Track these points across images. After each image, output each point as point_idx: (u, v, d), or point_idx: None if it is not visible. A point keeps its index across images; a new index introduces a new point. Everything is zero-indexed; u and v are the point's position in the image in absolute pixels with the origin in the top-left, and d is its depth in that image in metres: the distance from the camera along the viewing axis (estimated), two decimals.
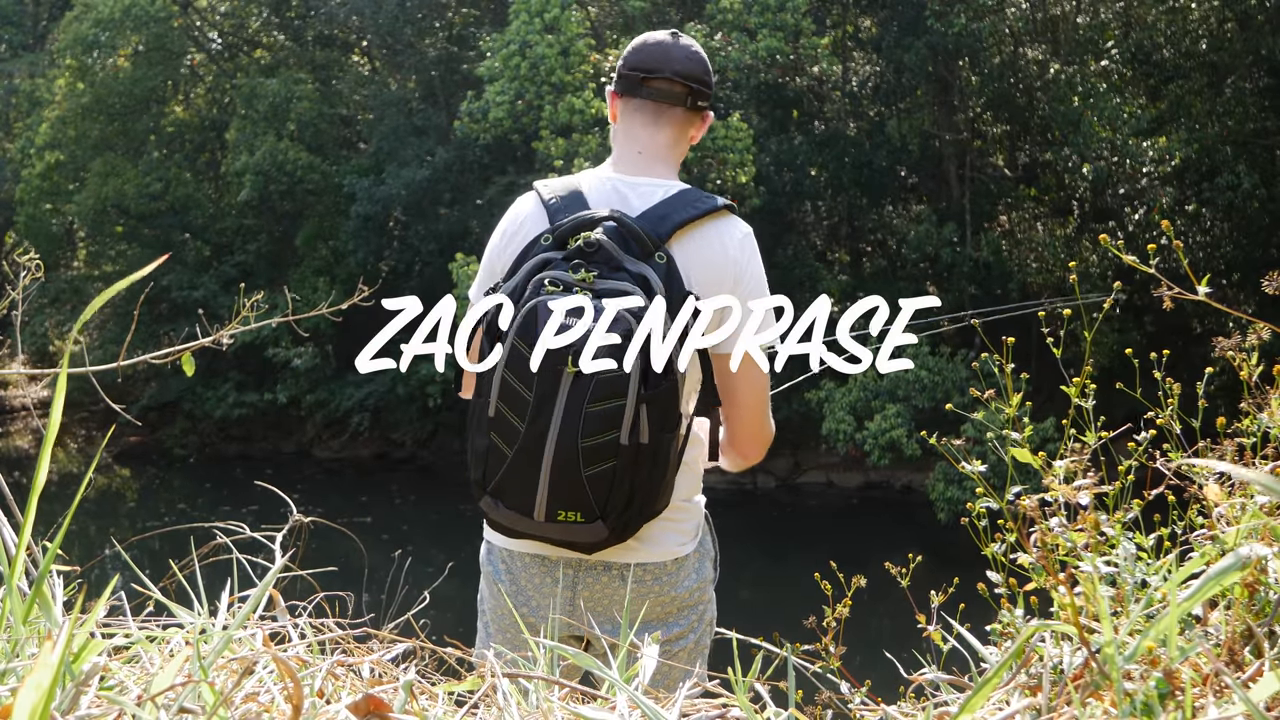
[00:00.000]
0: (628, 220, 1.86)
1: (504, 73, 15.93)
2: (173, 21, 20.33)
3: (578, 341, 1.72)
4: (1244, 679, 0.93)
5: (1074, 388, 1.34)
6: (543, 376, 1.74)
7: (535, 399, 1.75)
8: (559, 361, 1.73)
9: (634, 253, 1.83)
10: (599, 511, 1.78)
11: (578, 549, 1.89)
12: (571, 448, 1.74)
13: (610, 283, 1.78)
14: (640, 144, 2.02)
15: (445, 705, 1.14)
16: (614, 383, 1.72)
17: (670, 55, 2.01)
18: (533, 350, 1.75)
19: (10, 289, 2.72)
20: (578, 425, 1.73)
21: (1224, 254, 16.33)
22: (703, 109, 2.06)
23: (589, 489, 1.76)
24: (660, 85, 2.00)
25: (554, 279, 1.79)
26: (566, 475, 1.76)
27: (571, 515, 1.78)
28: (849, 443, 14.33)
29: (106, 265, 22.53)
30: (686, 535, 2.03)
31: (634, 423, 1.74)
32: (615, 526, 1.81)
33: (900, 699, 1.36)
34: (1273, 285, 1.37)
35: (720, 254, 1.94)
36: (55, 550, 1.00)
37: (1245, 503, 1.10)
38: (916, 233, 16.34)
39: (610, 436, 1.74)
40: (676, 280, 1.83)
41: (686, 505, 2.03)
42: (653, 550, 1.98)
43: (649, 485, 1.81)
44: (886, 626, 5.15)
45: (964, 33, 15.05)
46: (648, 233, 1.84)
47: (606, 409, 1.73)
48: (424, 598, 1.98)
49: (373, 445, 20.17)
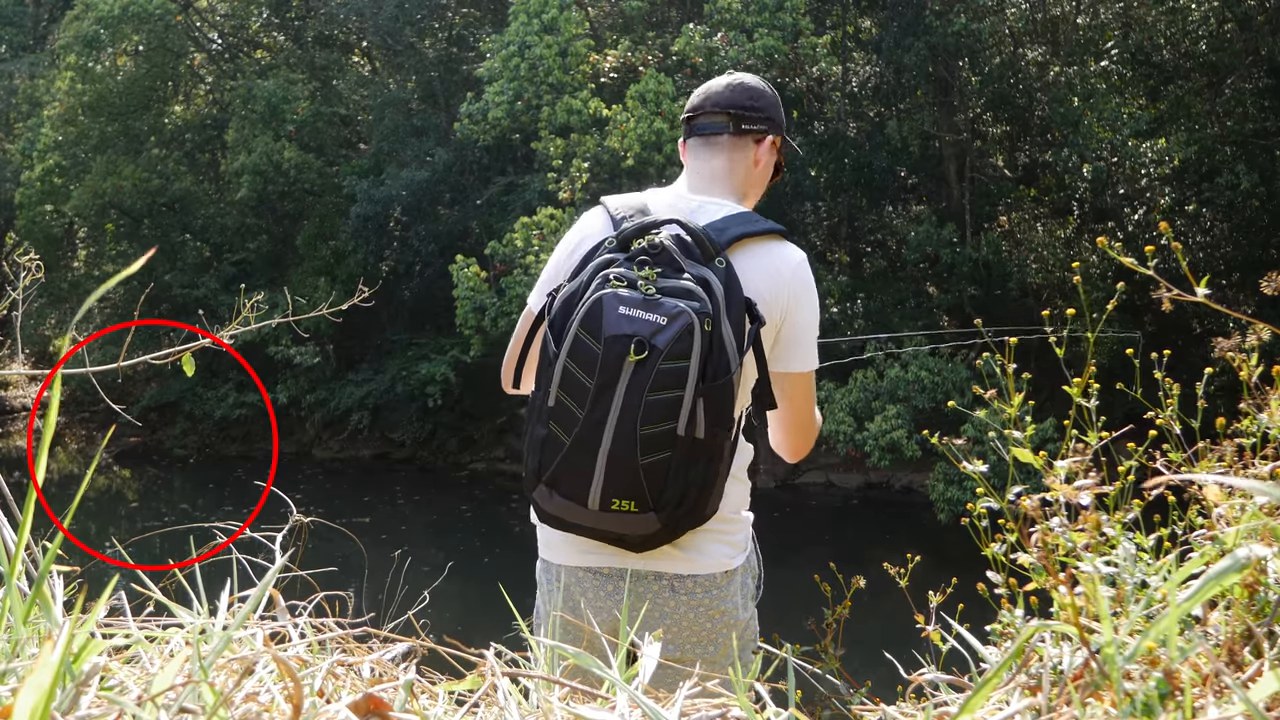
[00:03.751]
0: (690, 225, 1.91)
1: (503, 73, 15.94)
2: (172, 20, 20.32)
3: (641, 332, 1.77)
4: (1244, 679, 0.93)
5: (1075, 388, 1.34)
6: (605, 364, 1.78)
7: (596, 386, 1.79)
8: (622, 350, 1.77)
9: (695, 257, 1.88)
10: (652, 503, 1.81)
11: (628, 545, 1.90)
12: (630, 435, 1.77)
13: (672, 281, 1.82)
14: (698, 174, 2.11)
15: (446, 704, 1.14)
16: (675, 374, 1.76)
17: (711, 91, 2.15)
18: (597, 339, 1.79)
19: (10, 289, 2.72)
20: (637, 413, 1.77)
21: (1224, 254, 16.33)
22: (752, 132, 2.12)
23: (644, 478, 1.79)
24: (704, 119, 2.12)
25: (619, 275, 1.83)
26: (623, 462, 1.78)
27: (626, 504, 1.81)
28: (849, 443, 14.33)
29: (106, 265, 22.54)
30: (736, 548, 2.05)
31: (691, 415, 1.78)
32: (667, 522, 1.83)
33: (900, 699, 1.36)
34: (1272, 286, 1.37)
35: (776, 272, 1.98)
36: (55, 550, 1.00)
37: (1245, 503, 1.10)
38: (916, 233, 16.34)
39: (668, 426, 1.77)
40: (735, 285, 1.87)
41: (736, 518, 2.05)
42: (703, 561, 1.99)
43: (702, 482, 1.83)
44: (886, 626, 5.15)
45: (964, 33, 15.05)
46: (708, 238, 1.89)
47: (666, 398, 1.77)
48: (424, 597, 1.98)
49: (373, 445, 20.17)
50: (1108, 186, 16.39)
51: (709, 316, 1.79)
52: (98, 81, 20.38)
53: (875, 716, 1.28)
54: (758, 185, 2.18)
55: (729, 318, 1.82)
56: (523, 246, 15.00)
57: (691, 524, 1.88)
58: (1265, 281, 1.39)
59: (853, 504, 16.21)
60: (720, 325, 1.80)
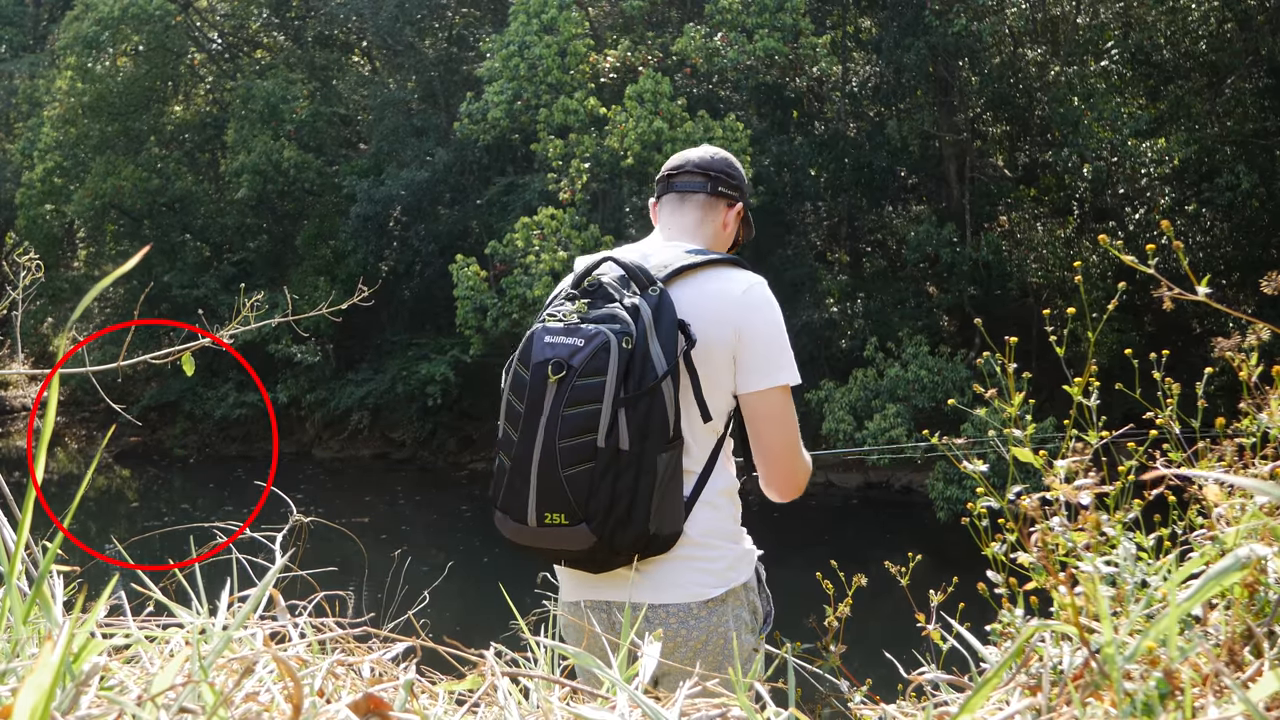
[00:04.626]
0: (624, 260, 2.03)
1: (503, 73, 15.94)
2: (172, 20, 20.32)
3: (560, 354, 1.92)
4: (1244, 679, 0.93)
5: (1076, 387, 1.34)
6: (532, 388, 1.94)
7: (525, 409, 1.94)
8: (544, 373, 1.92)
9: (630, 288, 2.00)
10: (581, 514, 1.90)
11: (583, 564, 1.98)
12: (552, 449, 1.90)
13: (599, 310, 1.97)
14: (670, 227, 2.22)
15: (445, 704, 1.14)
16: (591, 389, 1.89)
17: (690, 155, 2.26)
18: (526, 368, 1.96)
19: (10, 289, 2.73)
20: (557, 427, 1.90)
21: (1224, 254, 16.33)
22: (726, 196, 2.23)
23: (568, 489, 1.90)
24: (681, 178, 2.23)
25: (552, 312, 2.01)
26: (548, 476, 1.91)
27: (557, 517, 1.91)
28: (849, 443, 14.32)
29: (107, 265, 22.55)
30: (715, 577, 2.04)
31: (611, 426, 1.89)
32: (601, 533, 1.90)
33: (900, 699, 1.36)
34: (1272, 286, 1.37)
35: (722, 295, 2.05)
36: (55, 550, 1.00)
37: (1245, 503, 1.10)
38: (916, 233, 16.34)
39: (588, 438, 1.89)
40: (668, 309, 1.97)
41: (710, 544, 2.05)
42: (673, 590, 2.01)
43: (634, 493, 1.90)
44: (886, 626, 5.15)
45: (964, 33, 15.05)
46: (641, 271, 2.01)
47: (584, 411, 1.89)
48: (424, 597, 1.98)
49: (373, 445, 20.17)
50: (1108, 186, 16.39)
51: (629, 336, 1.91)
52: (98, 82, 20.38)
53: (875, 716, 1.28)
54: (721, 248, 2.26)
55: (658, 337, 1.93)
56: (523, 246, 15.00)
57: (635, 538, 1.92)
58: (1265, 281, 1.39)
59: (853, 504, 16.21)
60: (648, 343, 1.92)
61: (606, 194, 15.89)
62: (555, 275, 14.65)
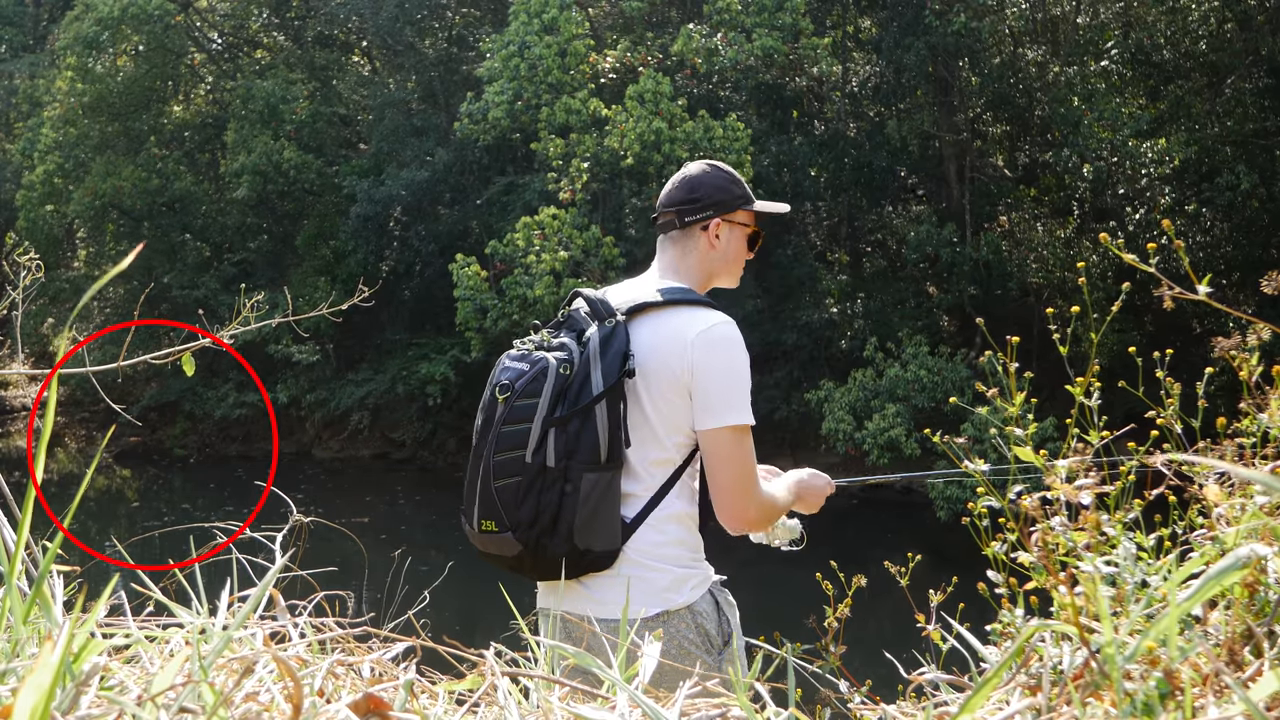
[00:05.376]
0: (588, 294, 2.22)
1: (503, 73, 15.93)
2: (172, 20, 20.32)
3: (510, 378, 2.09)
4: (1244, 679, 0.93)
5: (1078, 387, 1.34)
6: (486, 408, 2.13)
7: (480, 427, 2.13)
8: (495, 394, 2.10)
9: (589, 320, 2.16)
10: (508, 523, 2.07)
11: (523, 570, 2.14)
12: (489, 462, 2.08)
13: (557, 339, 2.14)
14: (658, 269, 2.36)
15: (446, 704, 1.14)
16: (525, 409, 2.06)
17: (664, 193, 2.37)
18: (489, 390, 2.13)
19: (10, 289, 2.72)
20: (494, 443, 2.08)
21: (1224, 254, 16.33)
22: (696, 222, 2.32)
23: (498, 499, 2.07)
24: (661, 219, 2.36)
25: (519, 341, 2.19)
26: (484, 486, 2.09)
27: (489, 525, 2.09)
28: (848, 443, 14.32)
29: (107, 265, 22.53)
30: (650, 596, 2.10)
31: (539, 444, 2.05)
32: (526, 541, 2.06)
33: (900, 699, 1.36)
34: (1272, 286, 1.37)
35: (677, 335, 2.15)
36: (55, 550, 1.00)
37: (1245, 503, 1.10)
38: (916, 233, 16.34)
39: (516, 454, 2.06)
40: (619, 340, 2.11)
41: (649, 564, 2.12)
42: (605, 606, 2.11)
43: (557, 508, 2.05)
44: (886, 626, 5.15)
45: (964, 32, 15.04)
46: (602, 306, 2.17)
47: (516, 429, 2.06)
48: (424, 597, 1.98)
49: (373, 445, 20.17)
50: (1108, 186, 16.39)
51: (569, 363, 2.07)
52: (98, 82, 20.38)
53: (875, 716, 1.28)
54: (724, 263, 2.40)
55: (601, 364, 2.08)
56: (523, 246, 15.00)
57: (565, 550, 2.05)
58: (1265, 281, 1.39)
59: (853, 504, 16.20)
60: (589, 369, 2.07)
61: (607, 194, 15.89)
62: (556, 275, 14.65)
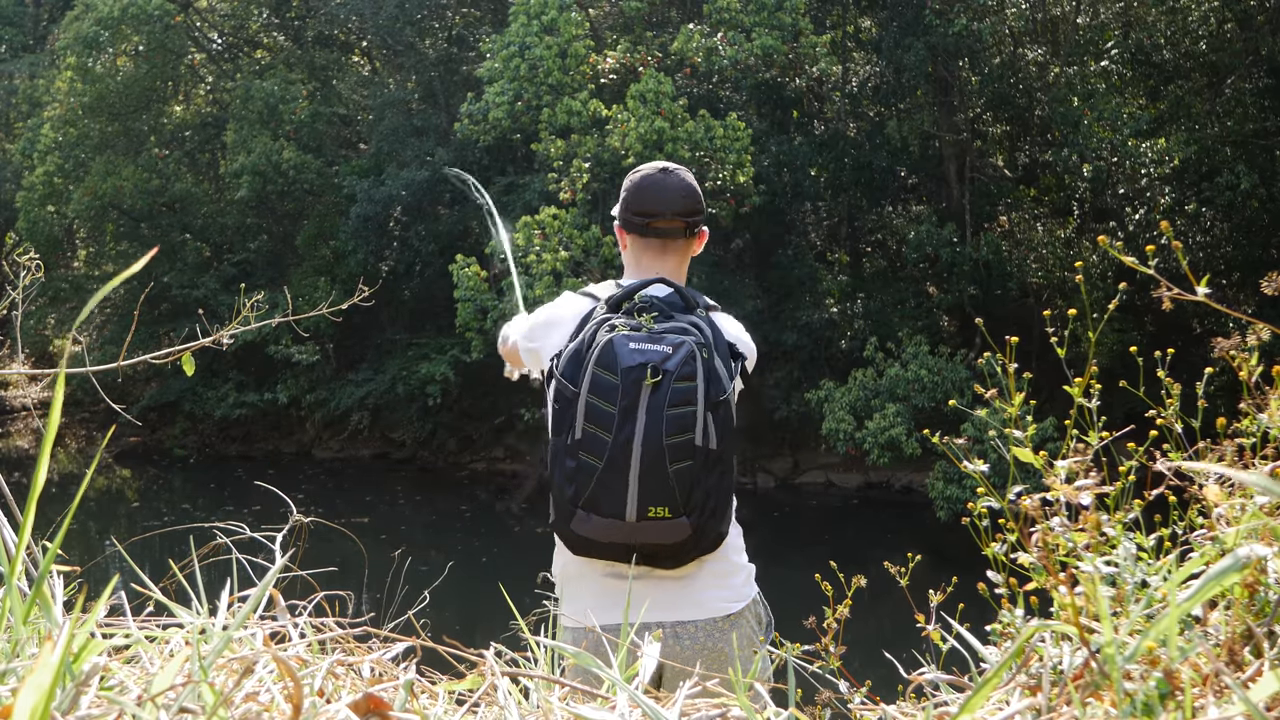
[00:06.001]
0: (674, 283, 2.24)
1: (503, 74, 15.93)
2: (172, 20, 20.31)
3: (653, 359, 2.06)
4: (1244, 679, 0.93)
5: (1077, 387, 1.34)
6: (626, 391, 2.05)
7: (620, 411, 2.05)
8: (639, 376, 2.05)
9: (679, 309, 2.19)
10: (683, 507, 2.04)
11: (660, 561, 2.09)
12: (658, 446, 2.03)
13: (669, 323, 2.13)
14: (652, 271, 2.35)
15: (446, 704, 1.14)
16: (686, 392, 2.05)
17: (667, 197, 2.34)
18: (614, 373, 2.06)
19: (10, 289, 2.73)
20: (661, 426, 2.03)
21: (1224, 254, 16.33)
22: (698, 232, 2.40)
23: (675, 483, 2.03)
24: (663, 225, 2.33)
25: (622, 322, 2.14)
26: (654, 471, 2.03)
27: (660, 510, 2.04)
28: (849, 442, 14.33)
29: (107, 265, 22.54)
30: (732, 591, 2.22)
31: (705, 428, 2.05)
32: (696, 525, 2.06)
33: (900, 699, 1.36)
34: (1272, 286, 1.37)
35: (740, 333, 2.30)
36: (55, 550, 1.00)
37: (1245, 503, 1.10)
38: (916, 233, 16.34)
39: (688, 437, 2.04)
40: (719, 331, 2.19)
41: (732, 562, 2.22)
42: (695, 609, 2.17)
43: (720, 491, 2.07)
44: (886, 626, 5.15)
45: (964, 33, 15.04)
46: (694, 296, 2.23)
47: (683, 413, 2.04)
48: (424, 597, 1.98)
49: (373, 445, 20.17)
50: (1108, 186, 16.39)
51: (705, 346, 2.09)
52: (98, 82, 20.37)
53: (875, 716, 1.28)
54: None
55: (718, 352, 2.13)
56: (524, 246, 15.00)
57: (718, 533, 2.09)
58: (1265, 281, 1.39)
59: (853, 504, 16.21)
60: (713, 356, 2.10)
61: (607, 194, 15.88)
62: (556, 275, 14.65)
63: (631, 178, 2.39)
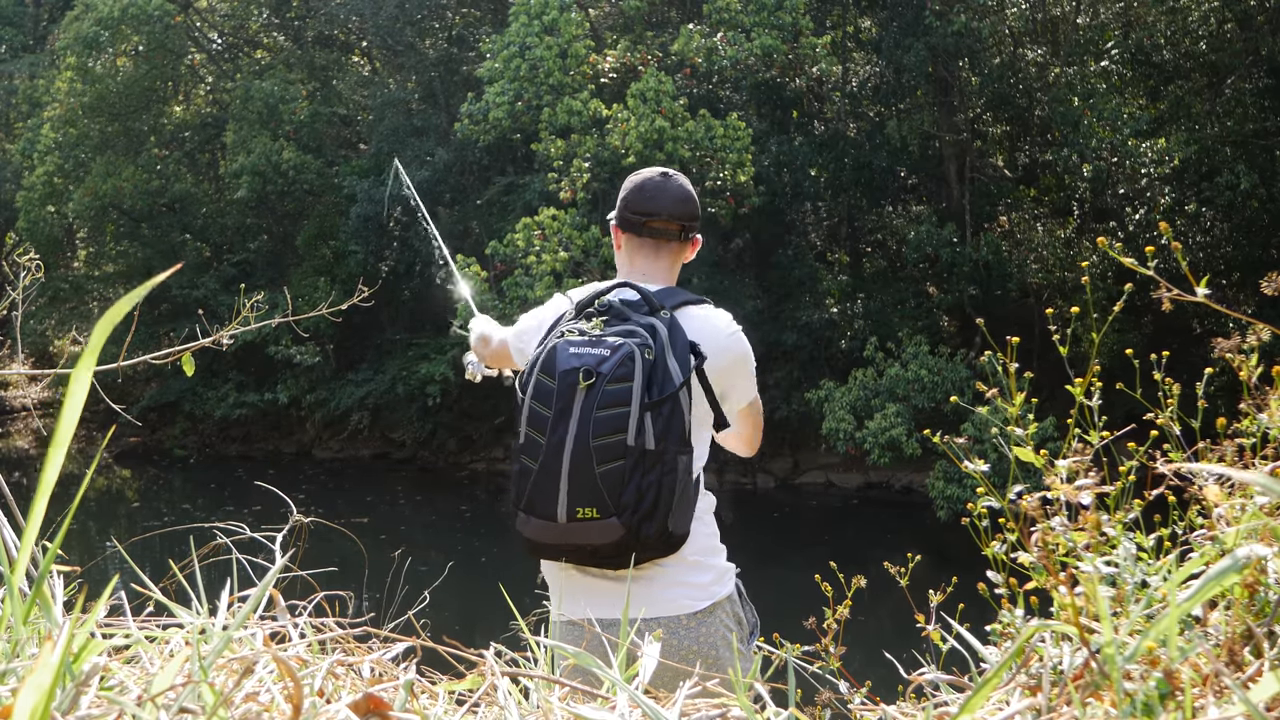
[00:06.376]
0: (637, 285, 2.24)
1: (504, 74, 15.93)
2: (172, 20, 20.31)
3: (588, 363, 2.08)
4: (1244, 679, 0.93)
5: (1078, 387, 1.34)
6: (560, 394, 2.09)
7: (554, 414, 2.09)
8: (573, 380, 2.08)
9: (642, 311, 2.19)
10: (612, 508, 2.04)
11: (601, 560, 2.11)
12: (585, 447, 2.05)
13: (618, 326, 2.15)
14: (642, 270, 2.38)
15: (446, 704, 1.14)
16: (619, 393, 2.06)
17: (665, 199, 2.37)
18: (552, 377, 2.11)
19: (10, 289, 2.73)
20: (589, 428, 2.05)
21: (1224, 254, 16.33)
22: (693, 238, 2.43)
23: (601, 484, 2.04)
24: (658, 226, 2.36)
25: (570, 329, 2.18)
26: (582, 472, 2.05)
27: (588, 511, 2.06)
28: (849, 442, 14.33)
29: (107, 265, 22.55)
30: (699, 590, 2.20)
31: (639, 427, 2.05)
32: (629, 525, 2.05)
33: (900, 699, 1.36)
34: (1272, 286, 1.37)
35: (715, 331, 2.27)
36: (55, 550, 1.00)
37: (1245, 503, 1.10)
38: (916, 233, 16.34)
39: (618, 437, 2.05)
40: (680, 331, 2.16)
41: (698, 560, 2.20)
42: (662, 605, 2.16)
43: (658, 489, 2.06)
44: (886, 626, 5.15)
45: (964, 32, 15.04)
46: (656, 297, 2.22)
47: (614, 413, 2.05)
48: (424, 597, 1.98)
49: (373, 445, 20.17)
50: (1108, 186, 16.39)
51: (649, 348, 2.09)
52: (98, 82, 20.37)
53: (875, 716, 1.28)
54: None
55: (674, 353, 2.11)
56: (524, 246, 15.00)
57: (655, 533, 2.07)
58: (1265, 281, 1.39)
59: (853, 504, 16.20)
60: (664, 357, 2.10)
61: (607, 194, 15.88)
62: (556, 276, 14.65)
63: (632, 179, 2.42)
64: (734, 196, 15.56)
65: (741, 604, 2.30)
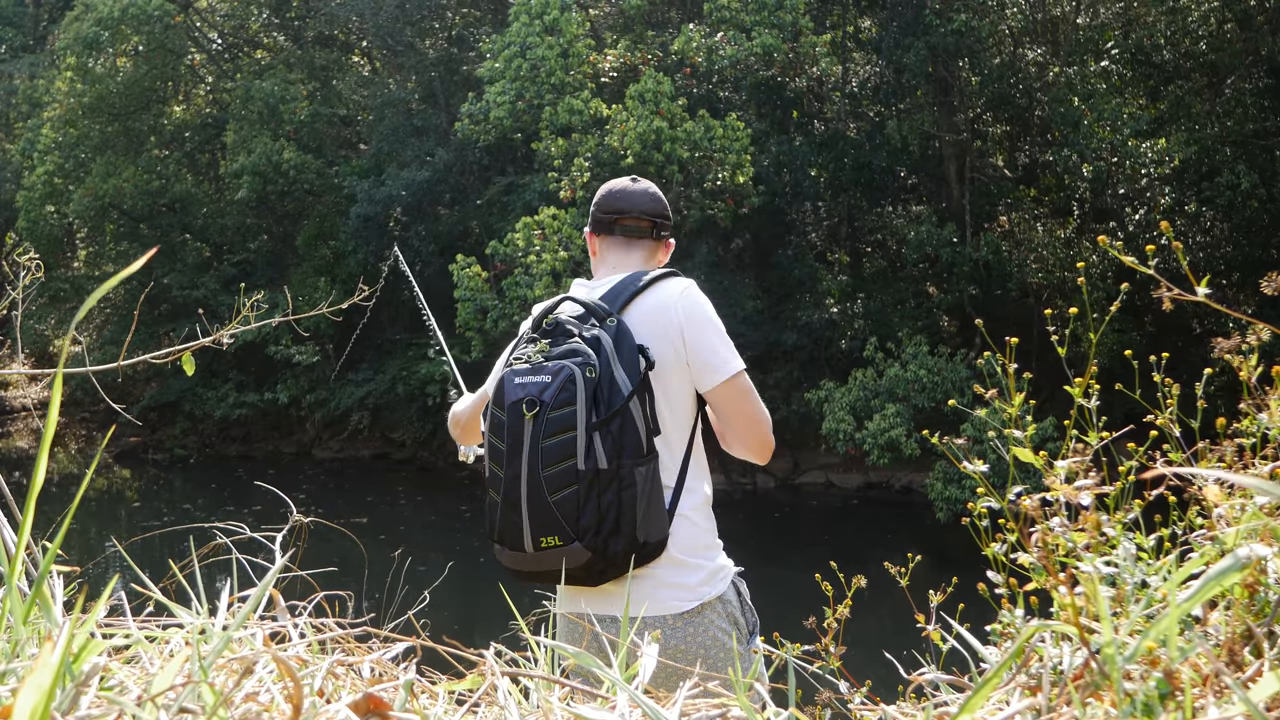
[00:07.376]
0: (579, 298, 2.24)
1: (504, 74, 15.93)
2: (172, 20, 20.32)
3: (531, 393, 2.09)
4: (1244, 679, 0.93)
5: (1077, 387, 1.34)
6: (511, 427, 2.11)
7: (507, 448, 2.11)
8: (519, 411, 2.09)
9: (589, 322, 2.18)
10: (573, 533, 2.06)
11: (581, 579, 2.11)
12: (536, 478, 2.07)
13: (561, 347, 2.14)
14: (613, 265, 2.40)
15: (446, 704, 1.14)
16: (563, 419, 2.07)
17: (635, 199, 2.41)
18: (502, 410, 2.13)
19: (10, 289, 2.73)
20: (539, 458, 2.07)
21: (1224, 254, 16.32)
22: (665, 238, 2.45)
23: (558, 512, 2.06)
24: (629, 223, 2.40)
25: (518, 356, 2.19)
26: (538, 503, 2.07)
27: (551, 540, 2.08)
28: (848, 442, 14.32)
29: (107, 265, 22.55)
30: (687, 591, 2.18)
31: (588, 450, 2.06)
32: (596, 547, 2.06)
33: (900, 699, 1.36)
34: (1272, 286, 1.37)
35: (663, 307, 2.23)
36: (55, 550, 1.00)
37: (1245, 503, 1.10)
38: (916, 233, 16.33)
39: (568, 464, 2.06)
40: (626, 336, 2.15)
41: (687, 560, 2.19)
42: (649, 606, 2.16)
43: (619, 507, 2.06)
44: (886, 627, 5.15)
45: (964, 32, 15.04)
46: (598, 306, 2.20)
47: (560, 440, 2.06)
48: (424, 597, 1.98)
49: (373, 445, 20.17)
50: (1108, 186, 16.38)
51: (592, 366, 2.09)
52: (98, 82, 20.37)
53: (875, 716, 1.28)
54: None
55: (621, 364, 2.11)
56: (524, 246, 14.99)
57: (626, 547, 2.06)
58: (1265, 281, 1.39)
59: (853, 504, 16.20)
60: (612, 370, 2.10)
61: None
62: (556, 275, 14.65)
63: (602, 187, 2.48)
64: (733, 197, 15.55)
65: (740, 604, 2.27)
